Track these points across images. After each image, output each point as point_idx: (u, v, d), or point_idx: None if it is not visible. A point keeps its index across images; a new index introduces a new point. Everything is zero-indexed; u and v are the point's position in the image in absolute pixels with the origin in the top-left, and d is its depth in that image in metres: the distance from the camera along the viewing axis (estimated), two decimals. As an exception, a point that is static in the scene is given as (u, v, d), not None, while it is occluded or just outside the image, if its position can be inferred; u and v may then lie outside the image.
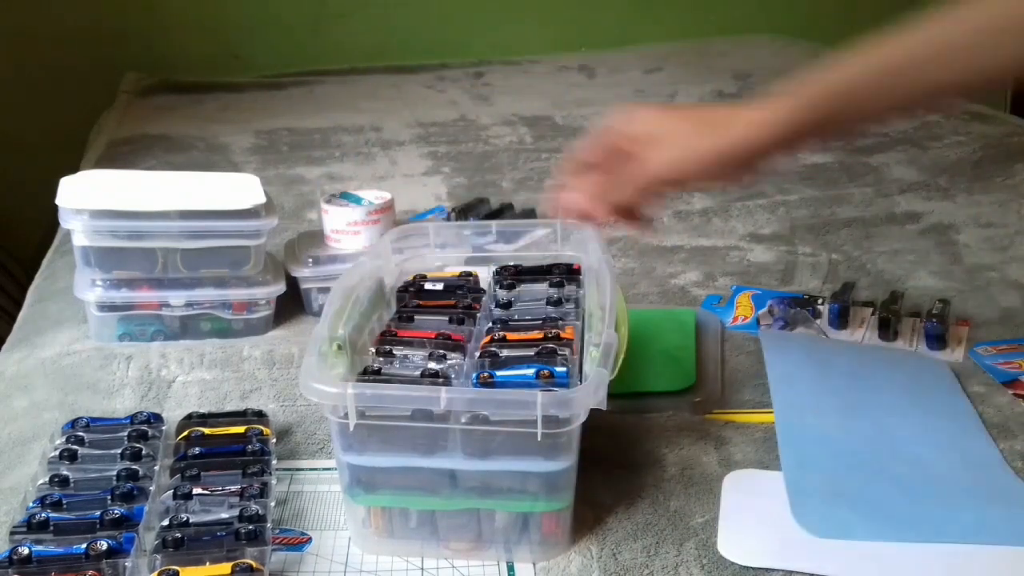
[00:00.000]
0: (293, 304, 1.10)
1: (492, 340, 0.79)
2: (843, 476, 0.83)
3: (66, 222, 1.00)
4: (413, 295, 0.89)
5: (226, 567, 0.67)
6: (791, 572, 0.73)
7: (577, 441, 0.72)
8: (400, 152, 1.71)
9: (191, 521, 0.71)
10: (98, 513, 0.71)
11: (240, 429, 0.83)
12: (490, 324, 0.83)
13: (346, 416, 0.70)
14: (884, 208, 1.44)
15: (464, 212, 1.33)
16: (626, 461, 0.86)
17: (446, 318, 0.84)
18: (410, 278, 0.92)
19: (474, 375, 0.74)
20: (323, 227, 1.13)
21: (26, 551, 0.67)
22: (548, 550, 0.74)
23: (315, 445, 0.89)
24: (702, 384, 0.98)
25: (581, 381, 0.73)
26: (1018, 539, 0.76)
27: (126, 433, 0.82)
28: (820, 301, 1.11)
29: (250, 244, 1.04)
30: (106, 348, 1.03)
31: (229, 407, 0.94)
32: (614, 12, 2.50)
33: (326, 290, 1.01)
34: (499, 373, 0.74)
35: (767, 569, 0.73)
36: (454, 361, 0.77)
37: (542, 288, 0.89)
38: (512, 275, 0.91)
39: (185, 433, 0.82)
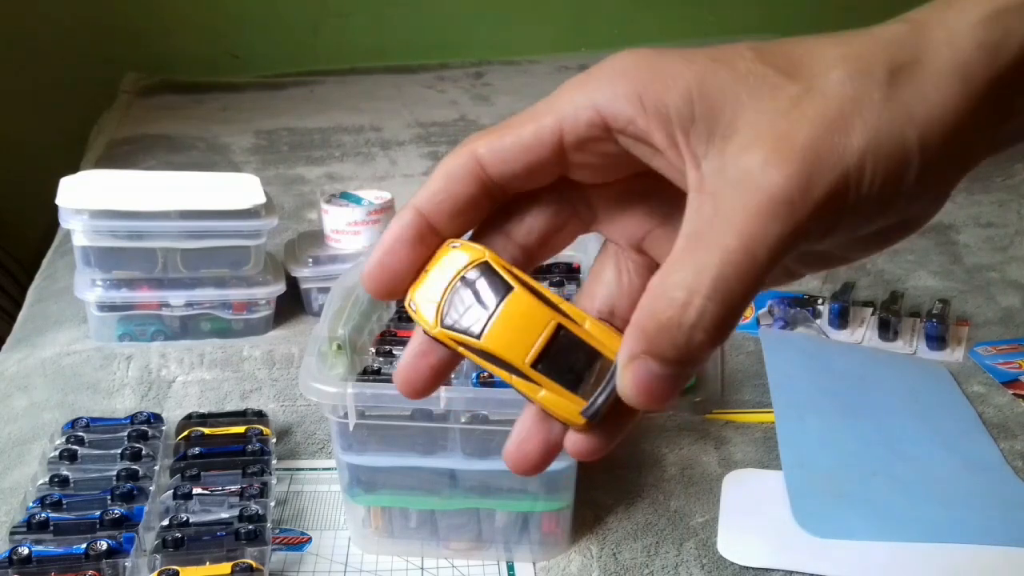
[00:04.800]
0: (293, 304, 1.10)
1: (492, 340, 0.79)
2: (843, 476, 0.83)
3: (66, 222, 1.00)
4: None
5: (226, 567, 0.67)
6: (791, 572, 0.73)
7: (577, 441, 0.72)
8: (400, 152, 1.71)
9: (191, 521, 0.71)
10: (98, 513, 0.71)
11: (240, 429, 0.83)
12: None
13: (346, 416, 0.70)
14: (884, 208, 1.44)
15: None
16: (626, 461, 0.86)
17: (446, 318, 0.84)
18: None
19: (474, 375, 0.74)
20: (323, 227, 1.13)
21: (26, 551, 0.66)
22: (548, 550, 0.74)
23: (315, 445, 0.89)
24: (702, 384, 0.98)
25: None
26: (1018, 540, 0.76)
27: (126, 433, 0.82)
28: (820, 301, 1.11)
29: (250, 244, 1.04)
30: (106, 348, 1.03)
31: (229, 407, 0.93)
32: (614, 12, 2.50)
33: (326, 290, 1.01)
34: (499, 373, 0.74)
35: (767, 569, 0.73)
36: (454, 361, 0.77)
37: (542, 288, 0.89)
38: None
39: (185, 433, 0.82)
